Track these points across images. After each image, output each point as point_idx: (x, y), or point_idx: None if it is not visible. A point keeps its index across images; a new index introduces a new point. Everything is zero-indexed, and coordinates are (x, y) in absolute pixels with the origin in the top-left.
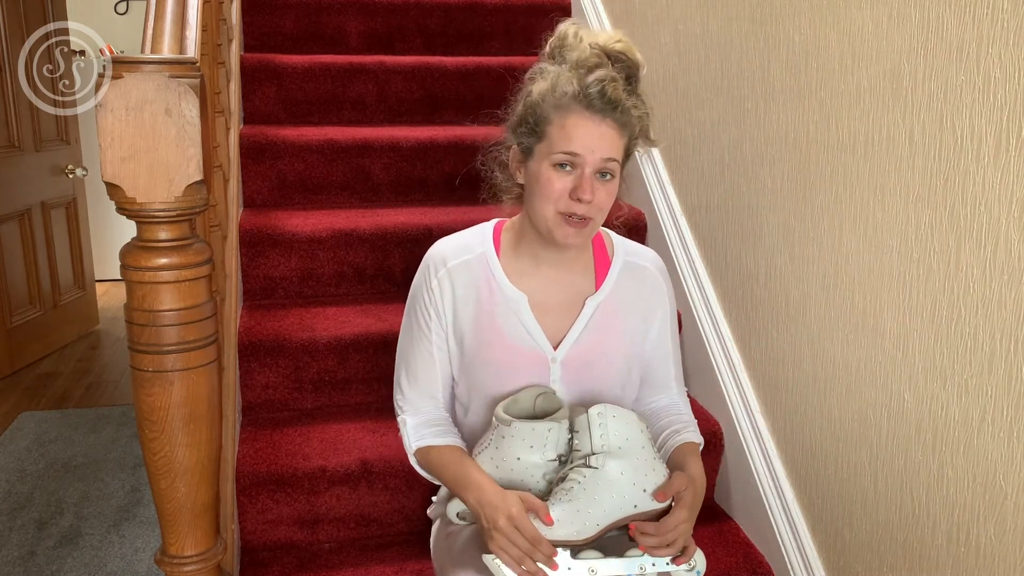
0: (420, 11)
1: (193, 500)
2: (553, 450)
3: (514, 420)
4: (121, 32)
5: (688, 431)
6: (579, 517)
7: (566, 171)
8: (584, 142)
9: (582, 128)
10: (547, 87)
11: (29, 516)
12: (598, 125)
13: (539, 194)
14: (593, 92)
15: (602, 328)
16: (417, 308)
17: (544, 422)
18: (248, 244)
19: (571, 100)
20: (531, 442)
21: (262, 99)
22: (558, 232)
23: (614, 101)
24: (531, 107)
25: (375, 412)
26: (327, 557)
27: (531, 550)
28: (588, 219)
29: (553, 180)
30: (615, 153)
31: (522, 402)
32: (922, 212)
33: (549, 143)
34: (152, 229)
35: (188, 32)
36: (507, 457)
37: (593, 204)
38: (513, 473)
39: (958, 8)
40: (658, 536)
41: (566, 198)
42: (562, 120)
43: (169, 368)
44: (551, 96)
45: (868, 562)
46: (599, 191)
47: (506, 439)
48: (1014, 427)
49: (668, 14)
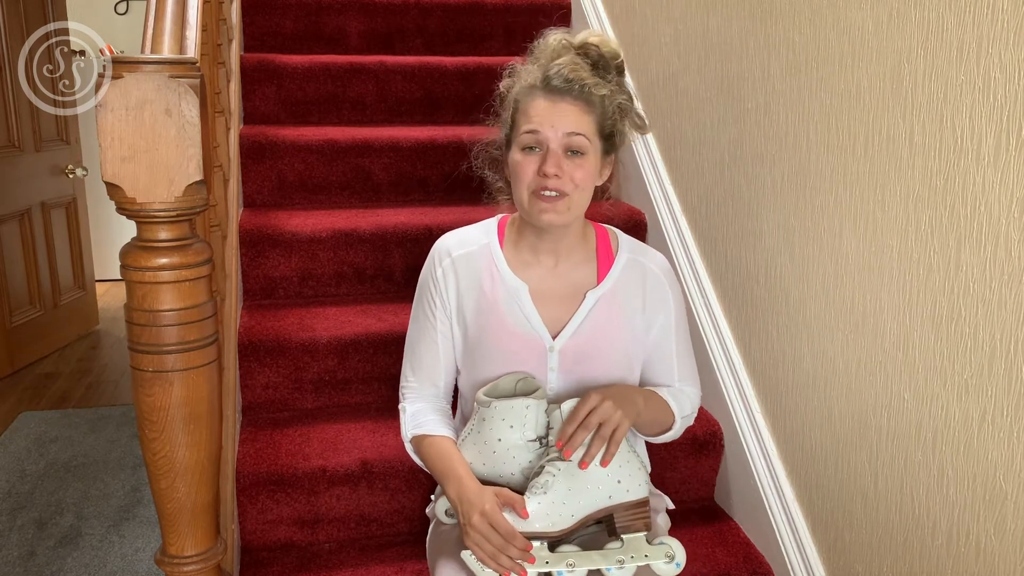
0: (420, 11)
1: (193, 500)
2: (532, 430)
3: (493, 400)
4: (121, 32)
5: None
6: (554, 509)
7: (534, 153)
8: (543, 119)
9: (542, 107)
10: (517, 80)
11: (29, 516)
12: (557, 103)
13: (515, 180)
14: (552, 74)
15: (602, 321)
16: (423, 297)
17: (522, 399)
18: (248, 244)
19: (532, 87)
20: (511, 421)
21: (262, 99)
22: (533, 211)
23: (572, 80)
24: (503, 102)
25: (375, 412)
26: (327, 557)
27: (504, 546)
28: (562, 194)
29: (522, 163)
30: (579, 128)
31: (502, 387)
32: (922, 212)
33: (517, 129)
34: (152, 229)
35: (188, 32)
36: (488, 440)
37: (564, 179)
38: (495, 456)
39: (958, 8)
40: (570, 423)
41: (535, 176)
42: (526, 106)
43: (169, 368)
44: (518, 87)
45: (868, 562)
46: (568, 167)
47: (487, 421)
48: (1014, 427)
49: (668, 14)
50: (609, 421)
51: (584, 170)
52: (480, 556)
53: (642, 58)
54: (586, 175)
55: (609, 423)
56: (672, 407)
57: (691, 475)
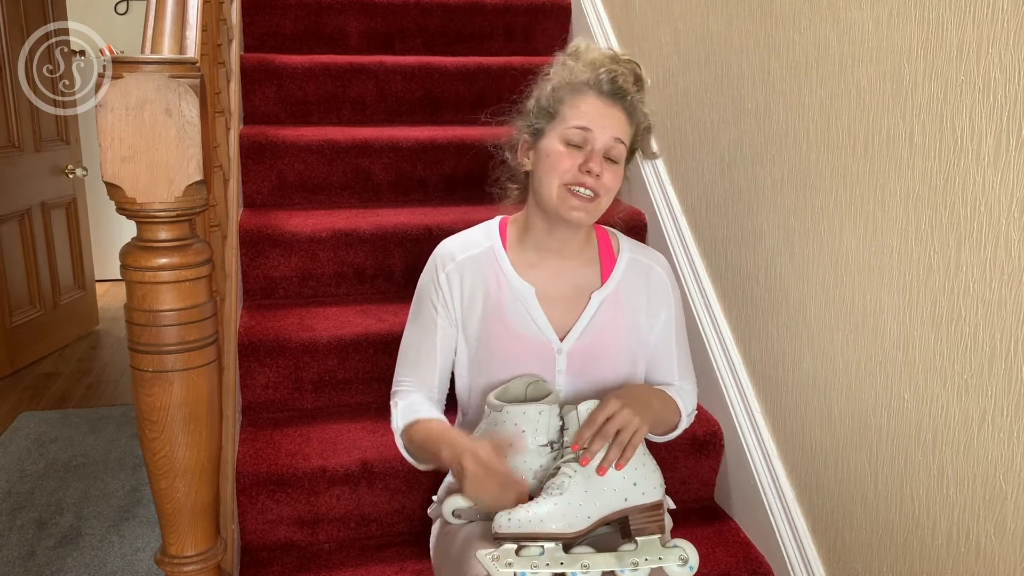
0: (420, 11)
1: (193, 500)
2: (544, 435)
3: (505, 405)
4: (121, 32)
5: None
6: (571, 511)
7: (576, 149)
8: (595, 119)
9: (595, 107)
10: (565, 75)
11: (29, 516)
12: (609, 108)
13: (547, 168)
14: (605, 79)
15: (607, 322)
16: (424, 302)
17: (535, 404)
18: (248, 244)
19: (584, 85)
20: (523, 426)
21: (262, 99)
22: (563, 206)
23: (623, 89)
24: (548, 92)
25: (375, 412)
26: (327, 557)
27: (504, 485)
28: (595, 196)
29: (563, 154)
30: (623, 135)
31: (513, 390)
32: (922, 212)
33: (562, 120)
34: (152, 229)
35: (188, 32)
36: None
37: (601, 181)
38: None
39: (958, 8)
40: (587, 428)
41: (575, 171)
42: (576, 101)
43: (169, 368)
44: (567, 82)
45: (868, 562)
46: (606, 171)
47: (498, 425)
48: (1014, 427)
49: (668, 14)
50: (627, 428)
51: (616, 177)
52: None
53: (642, 58)
54: (616, 181)
55: (627, 430)
56: (680, 406)
57: (691, 475)
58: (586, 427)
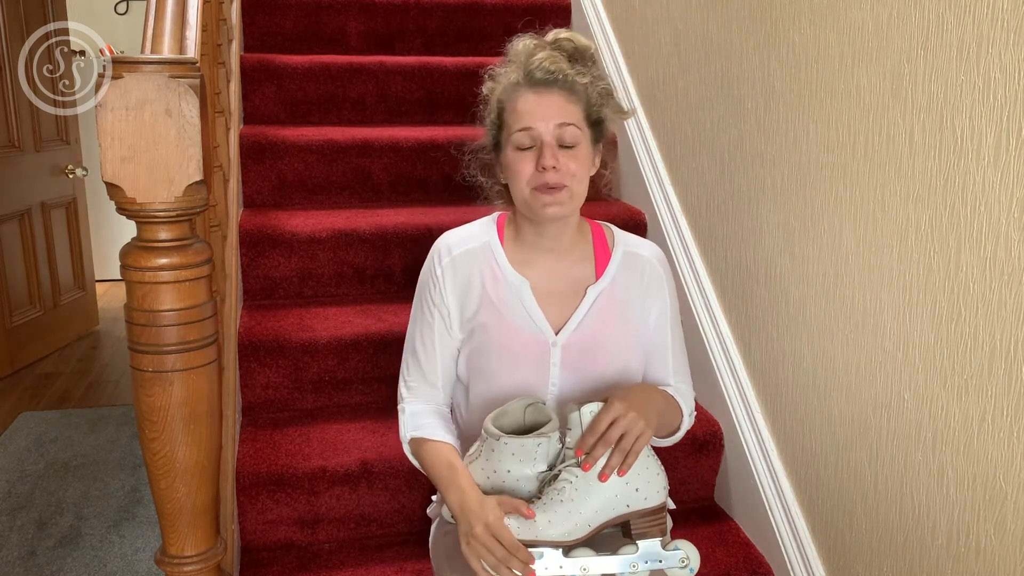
0: (420, 11)
1: (193, 500)
2: (544, 462)
3: (503, 435)
4: (121, 32)
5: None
6: (571, 517)
7: (529, 151)
8: (533, 115)
9: (529, 103)
10: (502, 81)
11: (29, 516)
12: (544, 96)
13: (512, 179)
14: (533, 69)
15: (603, 316)
16: (423, 297)
17: (533, 438)
18: (248, 244)
19: (516, 85)
20: (520, 456)
21: (262, 99)
22: (536, 205)
23: (554, 71)
24: (494, 104)
25: (375, 412)
26: (327, 557)
27: (507, 558)
28: (561, 186)
29: (519, 161)
30: (569, 118)
31: (511, 414)
32: (922, 212)
33: (508, 129)
34: (152, 229)
35: (188, 32)
36: (498, 469)
37: (562, 171)
38: (504, 484)
39: (958, 8)
40: (590, 434)
41: (534, 173)
42: (513, 104)
43: (169, 368)
44: (503, 87)
45: (868, 562)
46: (564, 158)
47: (496, 452)
48: (1014, 427)
49: (668, 14)
50: (630, 433)
51: (578, 160)
52: (477, 567)
53: (642, 58)
54: (581, 165)
55: (630, 435)
56: (681, 406)
57: (691, 475)
58: (589, 433)
